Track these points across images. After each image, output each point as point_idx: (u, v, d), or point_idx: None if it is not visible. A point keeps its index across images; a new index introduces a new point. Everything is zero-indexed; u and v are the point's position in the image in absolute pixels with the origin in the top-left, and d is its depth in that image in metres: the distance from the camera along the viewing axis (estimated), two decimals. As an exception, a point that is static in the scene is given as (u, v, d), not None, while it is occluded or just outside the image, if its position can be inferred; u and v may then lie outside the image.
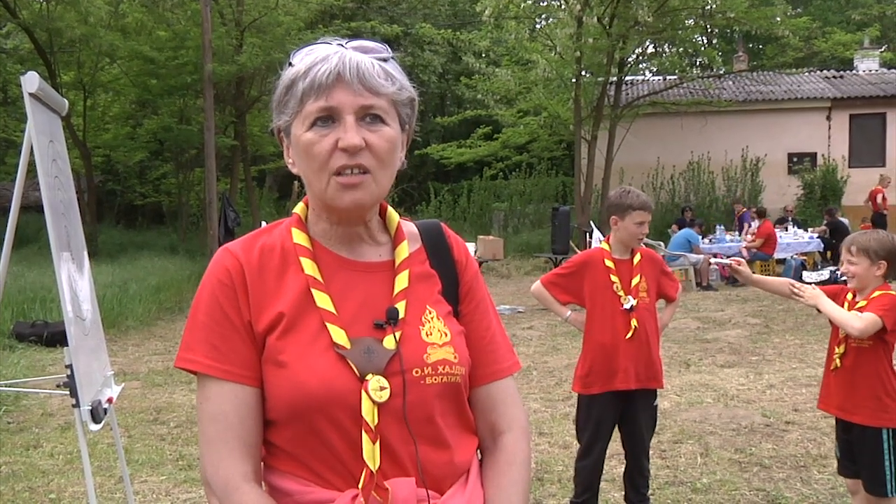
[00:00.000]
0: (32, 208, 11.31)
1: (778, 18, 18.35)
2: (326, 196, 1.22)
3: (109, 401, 3.28)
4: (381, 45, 1.27)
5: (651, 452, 4.73)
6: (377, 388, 1.19)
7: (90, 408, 2.98)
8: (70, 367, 2.97)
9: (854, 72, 24.14)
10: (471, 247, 11.74)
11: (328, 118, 1.20)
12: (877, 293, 3.17)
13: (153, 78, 19.03)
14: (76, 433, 3.42)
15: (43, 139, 3.11)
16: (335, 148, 1.19)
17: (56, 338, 8.29)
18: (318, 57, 1.21)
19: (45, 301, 9.65)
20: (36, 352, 8.34)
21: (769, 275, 13.83)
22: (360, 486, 1.18)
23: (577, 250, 15.89)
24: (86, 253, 3.66)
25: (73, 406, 2.99)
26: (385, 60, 1.25)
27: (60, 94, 4.04)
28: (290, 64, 1.25)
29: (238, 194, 20.23)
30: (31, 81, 3.01)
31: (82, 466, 3.05)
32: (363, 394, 1.18)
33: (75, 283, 3.29)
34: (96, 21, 16.25)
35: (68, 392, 3.00)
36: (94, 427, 3.03)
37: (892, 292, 3.18)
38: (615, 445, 4.86)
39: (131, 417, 5.89)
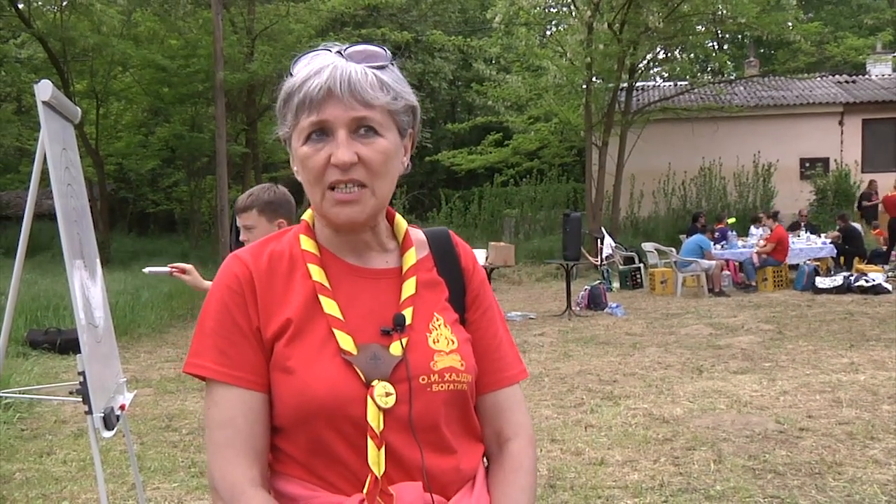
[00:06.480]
0: (45, 216, 11.43)
1: (789, 23, 18.33)
2: (322, 209, 1.23)
3: (122, 408, 3.30)
4: (382, 50, 1.25)
5: (664, 459, 4.72)
6: (383, 393, 1.19)
7: (103, 415, 2.99)
8: (83, 374, 2.98)
9: (867, 76, 24.07)
10: (482, 253, 11.70)
11: (322, 132, 1.20)
12: None
13: (165, 86, 19.21)
14: (89, 440, 3.43)
15: (56, 147, 3.13)
16: (328, 163, 1.19)
17: (69, 345, 8.34)
18: (313, 70, 1.20)
19: (58, 308, 9.71)
20: (49, 359, 8.39)
21: (781, 281, 13.77)
22: (364, 491, 1.18)
23: (589, 256, 15.84)
24: (98, 260, 3.68)
25: (86, 413, 3.00)
26: (382, 68, 1.23)
27: (73, 102, 4.06)
28: (291, 73, 1.24)
29: (249, 202, 20.30)
30: (44, 90, 3.03)
31: (95, 473, 3.06)
32: (369, 400, 1.18)
33: (88, 290, 3.31)
34: (109, 30, 16.45)
35: (81, 399, 3.01)
36: (106, 434, 3.04)
37: None
38: (629, 452, 4.86)
39: (143, 424, 5.91)
